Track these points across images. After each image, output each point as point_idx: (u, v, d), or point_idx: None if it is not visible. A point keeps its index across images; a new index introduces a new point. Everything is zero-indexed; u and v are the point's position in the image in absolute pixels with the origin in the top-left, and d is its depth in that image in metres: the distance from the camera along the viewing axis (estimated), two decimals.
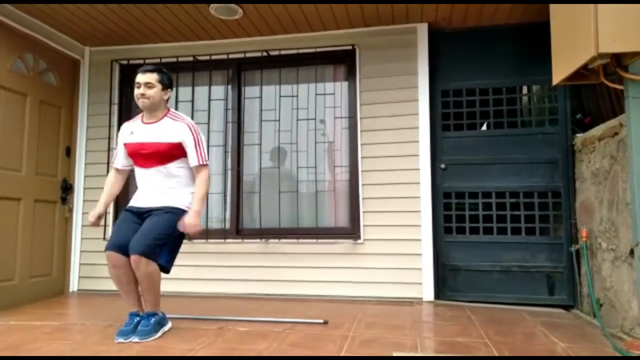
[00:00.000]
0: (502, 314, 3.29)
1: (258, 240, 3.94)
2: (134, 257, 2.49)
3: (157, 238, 2.56)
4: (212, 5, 3.51)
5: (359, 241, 3.81)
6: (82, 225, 4.23)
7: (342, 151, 4.03)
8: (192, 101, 4.24)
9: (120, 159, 2.87)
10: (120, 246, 2.55)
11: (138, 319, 2.61)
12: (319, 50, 3.99)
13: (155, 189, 2.72)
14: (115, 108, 4.30)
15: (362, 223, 3.82)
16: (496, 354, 2.31)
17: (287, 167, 4.11)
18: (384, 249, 3.75)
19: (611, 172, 2.92)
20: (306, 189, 4.02)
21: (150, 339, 2.53)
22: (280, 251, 3.91)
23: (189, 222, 2.61)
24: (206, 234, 4.05)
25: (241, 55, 4.12)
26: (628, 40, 2.23)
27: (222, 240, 4.01)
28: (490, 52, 3.84)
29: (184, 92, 4.28)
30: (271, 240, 3.92)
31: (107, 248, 2.58)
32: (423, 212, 3.72)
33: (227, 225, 4.10)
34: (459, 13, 3.66)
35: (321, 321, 2.92)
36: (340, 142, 4.04)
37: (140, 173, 2.78)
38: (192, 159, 2.71)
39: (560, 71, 2.72)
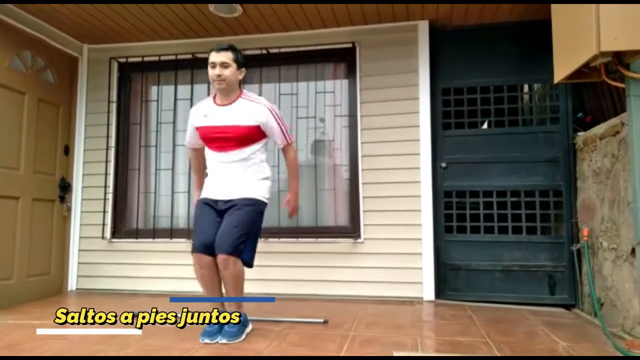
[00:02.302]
0: (503, 314, 3.28)
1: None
2: (222, 257, 2.45)
3: (241, 235, 2.49)
4: (211, 3, 3.50)
5: (359, 240, 3.80)
6: (81, 224, 4.22)
7: (342, 150, 4.01)
8: (191, 99, 4.21)
9: (193, 138, 2.79)
10: (206, 246, 2.49)
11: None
12: (318, 48, 3.97)
13: (230, 176, 2.61)
14: (113, 106, 4.28)
15: (362, 222, 3.81)
16: (497, 354, 2.29)
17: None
18: (384, 248, 3.73)
19: (612, 171, 2.91)
20: (306, 187, 4.00)
21: (237, 341, 2.47)
22: (279, 250, 3.89)
23: (293, 206, 2.73)
24: None
25: None
26: (630, 38, 2.22)
27: None
28: (491, 50, 3.82)
29: (183, 89, 4.26)
30: (270, 239, 3.90)
31: (194, 250, 2.53)
32: (424, 211, 3.71)
33: None
34: (460, 11, 3.64)
35: (321, 320, 2.91)
36: (340, 141, 4.02)
37: (214, 158, 2.66)
38: (279, 139, 2.69)
39: (561, 69, 2.71)
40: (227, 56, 2.59)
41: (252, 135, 2.61)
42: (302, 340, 2.52)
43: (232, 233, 2.47)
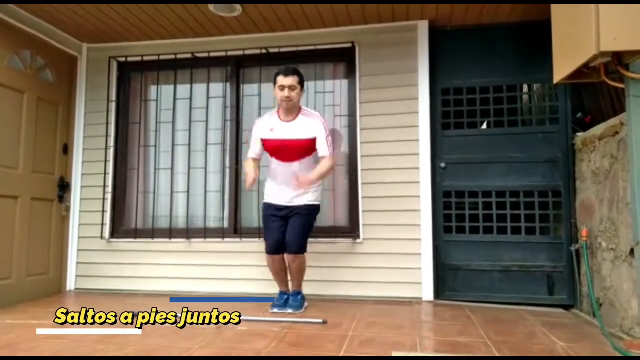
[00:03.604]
0: (502, 314, 3.28)
1: (257, 240, 3.92)
2: (291, 256, 3.13)
3: (304, 237, 3.15)
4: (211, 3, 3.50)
5: (358, 240, 3.80)
6: (80, 224, 4.21)
7: (341, 150, 4.01)
8: (191, 98, 4.22)
9: (256, 151, 3.28)
10: (277, 248, 3.14)
11: (286, 296, 3.24)
12: (318, 47, 3.97)
13: (290, 184, 3.10)
14: (112, 105, 4.28)
15: (361, 222, 3.81)
16: (496, 354, 2.29)
17: None
18: (383, 249, 3.73)
19: (612, 171, 2.91)
20: None
21: (300, 311, 3.13)
22: None
23: (300, 180, 3.06)
24: (204, 233, 4.03)
25: (240, 53, 4.10)
26: (629, 38, 2.21)
27: (221, 240, 4.00)
28: (491, 50, 3.82)
29: (183, 89, 4.26)
30: None
31: (269, 252, 3.17)
32: (423, 212, 3.71)
33: (226, 224, 4.08)
34: (460, 11, 3.64)
35: (320, 321, 2.90)
36: (341, 139, 4.02)
37: (277, 166, 3.20)
38: (322, 149, 3.14)
39: (561, 70, 2.71)
40: (294, 80, 3.08)
41: (310, 146, 3.15)
42: (301, 341, 2.52)
43: (298, 236, 3.11)
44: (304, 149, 3.14)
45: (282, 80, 3.08)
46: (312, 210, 3.22)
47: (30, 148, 3.76)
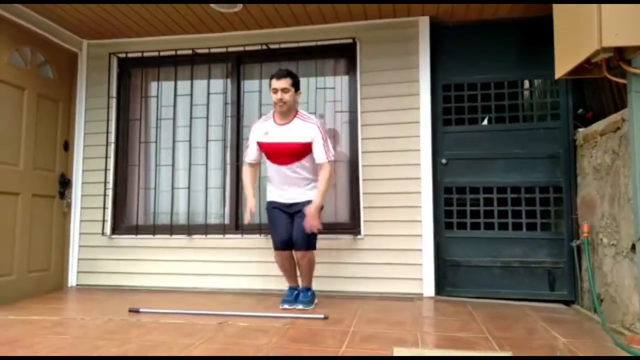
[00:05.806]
0: (503, 310, 3.28)
1: (257, 236, 3.92)
2: (300, 253, 3.11)
3: (312, 234, 3.08)
4: None
5: (359, 236, 3.80)
6: (81, 220, 4.21)
7: (342, 146, 4.01)
8: (191, 95, 4.21)
9: (253, 155, 3.29)
10: (285, 244, 3.13)
11: (296, 292, 3.24)
12: (319, 43, 3.96)
13: (291, 182, 3.16)
14: (113, 102, 4.27)
15: (362, 218, 3.81)
16: (497, 349, 2.30)
17: None
18: (384, 245, 3.73)
19: (613, 167, 2.91)
20: None
21: (310, 307, 3.14)
22: None
23: (312, 218, 3.02)
24: (205, 229, 4.03)
25: (240, 49, 4.09)
26: (631, 34, 2.21)
27: (222, 236, 4.00)
28: (492, 46, 3.81)
29: (183, 85, 4.25)
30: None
31: (276, 248, 3.17)
32: (424, 208, 3.71)
33: (227, 221, 4.08)
34: (460, 7, 3.63)
35: (321, 316, 2.91)
36: (340, 137, 4.02)
37: (274, 168, 3.19)
38: (319, 156, 3.10)
39: (562, 65, 2.70)
40: (286, 82, 3.08)
41: (304, 150, 3.11)
42: (302, 336, 2.52)
43: (305, 234, 3.04)
44: (297, 153, 3.10)
45: (274, 83, 3.08)
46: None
47: (30, 145, 3.76)
